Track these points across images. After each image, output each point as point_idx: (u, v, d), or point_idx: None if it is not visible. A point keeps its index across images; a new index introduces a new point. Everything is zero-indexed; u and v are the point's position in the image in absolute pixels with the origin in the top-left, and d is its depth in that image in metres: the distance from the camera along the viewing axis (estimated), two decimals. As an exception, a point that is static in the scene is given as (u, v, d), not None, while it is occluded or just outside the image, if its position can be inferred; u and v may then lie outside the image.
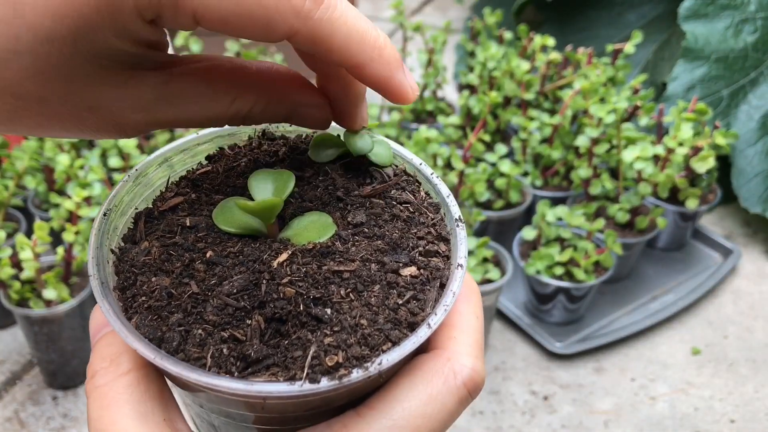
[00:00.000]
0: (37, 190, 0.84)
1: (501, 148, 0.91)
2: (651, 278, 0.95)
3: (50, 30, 0.23)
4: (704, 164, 0.85)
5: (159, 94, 0.27)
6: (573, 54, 1.04)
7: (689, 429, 0.74)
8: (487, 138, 0.82)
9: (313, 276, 0.27)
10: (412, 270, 0.28)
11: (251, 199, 0.30)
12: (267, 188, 0.30)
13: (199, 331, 0.25)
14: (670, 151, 0.85)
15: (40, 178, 0.83)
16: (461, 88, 1.25)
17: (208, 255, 0.28)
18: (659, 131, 0.94)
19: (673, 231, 0.97)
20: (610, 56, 1.03)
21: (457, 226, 0.30)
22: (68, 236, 0.71)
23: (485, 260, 0.81)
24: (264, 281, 0.26)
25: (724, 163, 1.02)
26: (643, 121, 0.90)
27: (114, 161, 0.84)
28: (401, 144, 0.99)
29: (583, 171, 0.89)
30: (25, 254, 0.69)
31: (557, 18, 1.37)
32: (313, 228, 0.29)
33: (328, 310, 0.26)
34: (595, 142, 0.89)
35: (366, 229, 0.29)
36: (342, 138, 0.32)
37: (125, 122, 0.27)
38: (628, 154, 0.83)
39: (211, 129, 0.34)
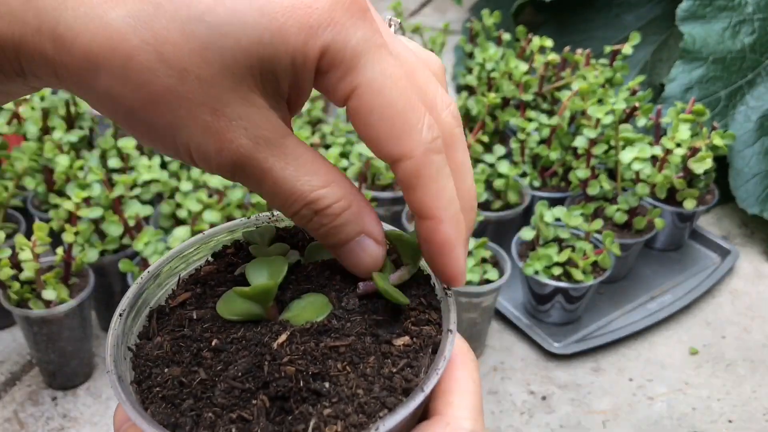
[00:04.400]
0: (36, 191, 0.84)
1: (499, 149, 0.91)
2: (649, 279, 0.95)
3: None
4: (702, 165, 0.86)
5: (280, 135, 0.27)
6: (571, 55, 1.04)
7: (687, 429, 0.74)
8: (485, 139, 0.82)
9: (311, 353, 0.28)
10: (405, 339, 0.29)
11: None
12: (262, 274, 0.32)
13: (209, 414, 0.27)
14: (668, 152, 0.85)
15: (40, 179, 0.83)
16: (460, 89, 1.26)
17: (213, 343, 0.30)
18: (657, 132, 0.94)
19: (671, 231, 0.98)
20: (608, 57, 1.04)
21: (446, 294, 0.31)
22: (68, 237, 0.72)
23: (484, 261, 0.81)
24: (266, 362, 0.28)
25: (722, 163, 1.02)
26: (641, 122, 0.91)
27: (113, 162, 0.84)
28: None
29: (581, 172, 0.89)
30: (25, 255, 0.69)
31: (556, 19, 1.38)
32: (311, 308, 0.31)
33: (327, 384, 0.27)
34: (594, 143, 0.89)
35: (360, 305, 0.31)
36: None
37: (234, 143, 0.26)
38: (626, 155, 0.84)
39: (214, 229, 0.36)
